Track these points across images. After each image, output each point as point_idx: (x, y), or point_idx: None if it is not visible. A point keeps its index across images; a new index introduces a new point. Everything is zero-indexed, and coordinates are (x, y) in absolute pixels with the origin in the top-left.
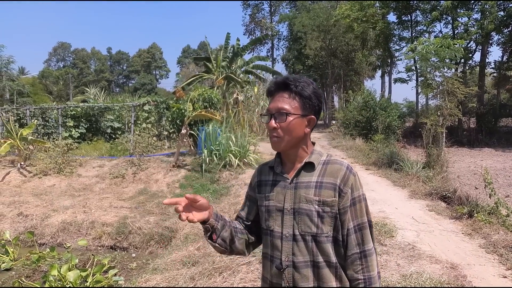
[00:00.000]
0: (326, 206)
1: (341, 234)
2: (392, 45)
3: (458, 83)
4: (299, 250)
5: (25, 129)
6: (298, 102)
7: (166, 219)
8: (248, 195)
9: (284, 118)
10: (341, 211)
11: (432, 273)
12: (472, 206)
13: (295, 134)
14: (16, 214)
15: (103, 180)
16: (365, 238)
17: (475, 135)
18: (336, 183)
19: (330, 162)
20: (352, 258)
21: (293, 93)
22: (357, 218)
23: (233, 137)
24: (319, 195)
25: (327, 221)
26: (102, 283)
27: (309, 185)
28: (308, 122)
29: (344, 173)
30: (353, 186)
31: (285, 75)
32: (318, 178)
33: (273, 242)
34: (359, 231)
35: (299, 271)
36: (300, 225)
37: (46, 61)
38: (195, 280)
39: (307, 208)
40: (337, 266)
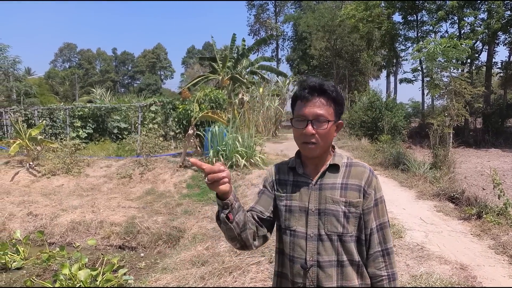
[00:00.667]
0: (351, 207)
1: (364, 233)
2: (397, 45)
3: (465, 83)
4: (325, 249)
5: (34, 129)
6: (333, 108)
7: (174, 219)
8: (263, 190)
9: (325, 125)
10: (365, 212)
11: (442, 273)
12: (481, 207)
13: (329, 140)
14: (26, 213)
15: (111, 180)
16: (386, 237)
17: (482, 135)
18: (361, 184)
19: (353, 165)
20: (374, 256)
21: (329, 99)
22: (379, 218)
23: (239, 138)
24: (345, 196)
25: (352, 221)
26: (112, 282)
27: (335, 187)
28: (337, 127)
29: (368, 175)
30: (376, 188)
31: (316, 80)
32: (343, 179)
33: (295, 242)
34: (380, 230)
35: (324, 270)
36: (326, 225)
37: (52, 61)
38: (205, 279)
39: (334, 209)
40: (359, 264)
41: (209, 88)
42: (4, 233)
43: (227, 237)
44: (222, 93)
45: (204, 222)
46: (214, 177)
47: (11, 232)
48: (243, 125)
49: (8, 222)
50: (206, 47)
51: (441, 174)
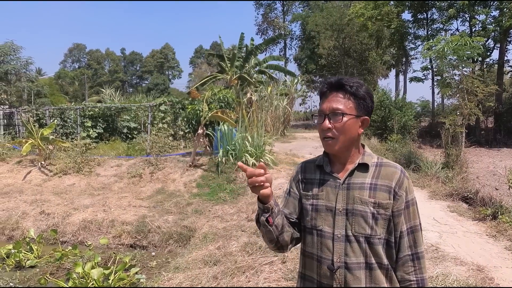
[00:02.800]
0: (381, 208)
1: (393, 236)
2: (407, 43)
3: (478, 81)
4: (353, 251)
5: (46, 129)
6: (353, 102)
7: (184, 218)
8: (289, 191)
9: (340, 118)
10: (395, 214)
11: (458, 275)
12: (496, 207)
13: (349, 135)
14: (39, 212)
15: (121, 179)
16: (417, 241)
17: (493, 134)
18: (391, 185)
19: (384, 165)
20: (404, 260)
21: (348, 94)
22: (410, 221)
23: (249, 137)
24: (374, 197)
25: (380, 223)
26: (125, 281)
27: (363, 187)
28: (362, 122)
29: (399, 176)
30: (407, 189)
31: (337, 76)
32: (372, 180)
33: (322, 242)
34: (411, 233)
35: (352, 272)
36: (353, 226)
37: (61, 62)
38: (218, 279)
39: (362, 210)
40: (388, 268)
41: (218, 88)
42: (17, 232)
43: (266, 239)
44: (231, 93)
45: (215, 222)
46: (254, 181)
47: (25, 231)
48: (251, 125)
49: (22, 220)
50: (214, 46)
51: (454, 174)
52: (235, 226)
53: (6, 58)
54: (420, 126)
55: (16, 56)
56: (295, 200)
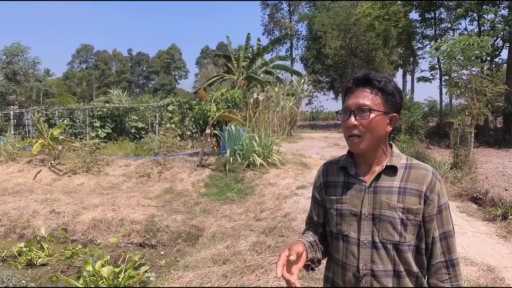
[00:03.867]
0: (410, 214)
1: (424, 242)
2: (414, 43)
3: (487, 81)
4: (380, 258)
5: (55, 129)
6: (381, 98)
7: (192, 218)
8: (313, 197)
9: (367, 114)
10: (426, 219)
11: (469, 275)
12: (507, 208)
13: (376, 133)
14: (49, 211)
15: (130, 179)
16: (451, 247)
17: (502, 135)
18: (421, 189)
19: (414, 167)
20: (437, 267)
21: (375, 89)
22: (443, 226)
23: (256, 137)
24: (403, 201)
25: (410, 229)
26: (135, 279)
27: (391, 190)
28: (390, 120)
29: (430, 179)
30: (440, 193)
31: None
32: (401, 183)
33: (347, 248)
34: (444, 239)
35: (379, 280)
36: (381, 233)
37: (69, 62)
38: (227, 277)
39: (390, 215)
40: (418, 275)
41: (225, 88)
42: (28, 230)
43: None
44: (238, 93)
45: (223, 221)
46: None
47: (35, 229)
48: (258, 125)
49: (32, 219)
50: (220, 47)
51: (463, 174)
52: (243, 225)
53: (14, 59)
54: (427, 126)
55: (24, 57)
56: (319, 206)
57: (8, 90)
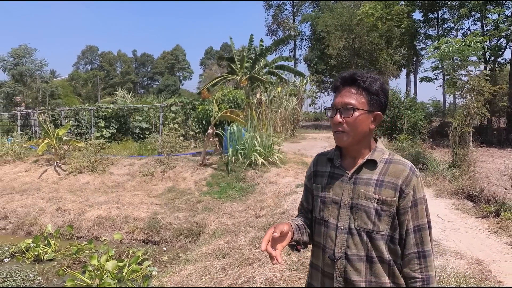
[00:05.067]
0: (384, 205)
1: (398, 233)
2: (417, 43)
3: (485, 81)
4: (354, 243)
5: (61, 129)
6: (365, 97)
7: (194, 215)
8: (304, 184)
9: (351, 113)
10: (400, 211)
11: (457, 267)
12: (499, 204)
13: (360, 130)
14: (55, 209)
15: (134, 178)
16: (424, 239)
17: (506, 135)
18: (397, 183)
19: (393, 162)
20: (410, 257)
21: (360, 89)
22: (417, 219)
23: (258, 137)
24: (379, 193)
25: (384, 219)
26: (138, 273)
27: (369, 183)
28: (374, 118)
29: (407, 174)
30: (416, 188)
31: (352, 70)
32: (379, 176)
33: (327, 233)
34: (418, 232)
35: (352, 263)
36: (356, 220)
37: (75, 64)
38: (226, 270)
39: (366, 205)
40: (390, 263)
41: (228, 89)
42: (35, 227)
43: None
44: (240, 93)
45: (224, 218)
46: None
47: (42, 226)
48: (261, 125)
49: (39, 216)
50: (224, 48)
51: (461, 173)
52: (244, 222)
53: (21, 61)
54: (431, 127)
55: (31, 59)
56: (308, 193)
57: (15, 91)
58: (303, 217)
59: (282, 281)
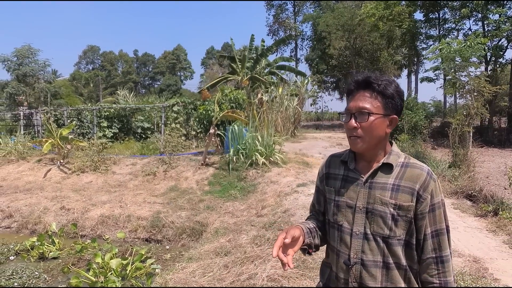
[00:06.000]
0: (401, 210)
1: (415, 238)
2: (418, 43)
3: (485, 82)
4: (370, 249)
5: (64, 129)
6: (380, 101)
7: (196, 214)
8: (316, 186)
9: (366, 117)
10: (418, 217)
11: (454, 265)
12: (498, 204)
13: (376, 134)
14: (59, 208)
15: (136, 177)
16: (442, 244)
17: (507, 135)
18: (414, 188)
19: (410, 166)
20: (427, 262)
21: (375, 92)
22: (435, 224)
23: (259, 137)
24: (395, 198)
25: (401, 224)
26: (142, 270)
27: (385, 187)
28: (390, 122)
29: (424, 179)
30: (433, 192)
31: (366, 73)
32: (396, 180)
33: (341, 237)
34: (436, 236)
35: (368, 269)
36: (372, 225)
37: (76, 63)
38: (228, 267)
39: (382, 210)
40: (406, 269)
41: (229, 89)
42: (39, 226)
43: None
44: (242, 93)
45: (226, 217)
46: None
47: (46, 225)
48: (262, 125)
49: (43, 215)
50: (225, 47)
51: (460, 172)
52: (245, 221)
53: (25, 61)
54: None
55: (34, 59)
56: (320, 195)
57: (18, 91)
58: (314, 219)
59: (283, 278)
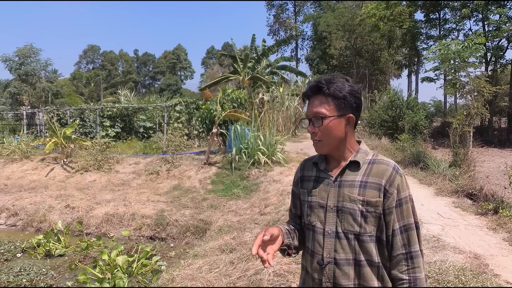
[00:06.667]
0: (370, 206)
1: (385, 234)
2: (419, 43)
3: (484, 82)
4: (342, 247)
5: (68, 128)
6: (333, 103)
7: (200, 213)
8: (292, 190)
9: (321, 122)
10: (386, 212)
11: (456, 262)
12: (498, 202)
13: (334, 135)
14: (64, 206)
15: (139, 176)
16: (411, 240)
17: (507, 135)
18: (381, 183)
19: (377, 162)
20: (398, 259)
21: (325, 96)
22: (403, 219)
23: (261, 136)
24: (363, 194)
25: (370, 220)
26: (147, 267)
27: (353, 184)
28: (347, 121)
29: (390, 174)
30: (400, 187)
31: (318, 78)
32: (363, 177)
33: (315, 238)
34: (405, 232)
35: (340, 268)
36: (343, 223)
37: (76, 63)
38: (234, 264)
39: (351, 207)
40: (379, 266)
41: (231, 88)
42: (45, 224)
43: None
44: (243, 93)
45: (229, 216)
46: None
47: (51, 223)
48: (263, 125)
49: (48, 213)
50: (225, 47)
51: (461, 172)
52: (249, 219)
53: (26, 60)
54: (432, 127)
55: (36, 58)
56: (296, 199)
57: (20, 91)
58: (292, 222)
59: (289, 273)
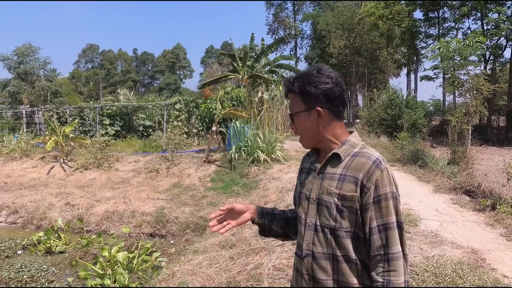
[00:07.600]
0: (345, 201)
1: (363, 231)
2: (418, 42)
3: (483, 80)
4: (319, 241)
5: (67, 126)
6: (301, 99)
7: (200, 210)
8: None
9: (294, 119)
10: (363, 208)
11: (453, 256)
12: (495, 199)
13: (308, 130)
14: (64, 204)
15: (139, 174)
16: (390, 240)
17: (505, 133)
18: (358, 177)
19: (359, 155)
20: (376, 259)
21: (294, 93)
22: (381, 217)
23: (260, 134)
24: (340, 188)
25: (346, 215)
26: (148, 263)
27: (333, 177)
28: (318, 114)
29: (368, 167)
30: (378, 182)
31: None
32: (343, 170)
33: (299, 229)
34: (383, 231)
35: (317, 261)
36: (321, 217)
37: (75, 62)
38: (234, 259)
39: (327, 200)
40: (357, 263)
41: (230, 87)
42: (45, 221)
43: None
44: (243, 91)
45: None
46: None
47: (52, 220)
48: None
49: (48, 211)
50: (225, 46)
51: (459, 169)
52: None
53: (25, 59)
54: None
55: (35, 57)
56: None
57: (19, 89)
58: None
59: (288, 267)
